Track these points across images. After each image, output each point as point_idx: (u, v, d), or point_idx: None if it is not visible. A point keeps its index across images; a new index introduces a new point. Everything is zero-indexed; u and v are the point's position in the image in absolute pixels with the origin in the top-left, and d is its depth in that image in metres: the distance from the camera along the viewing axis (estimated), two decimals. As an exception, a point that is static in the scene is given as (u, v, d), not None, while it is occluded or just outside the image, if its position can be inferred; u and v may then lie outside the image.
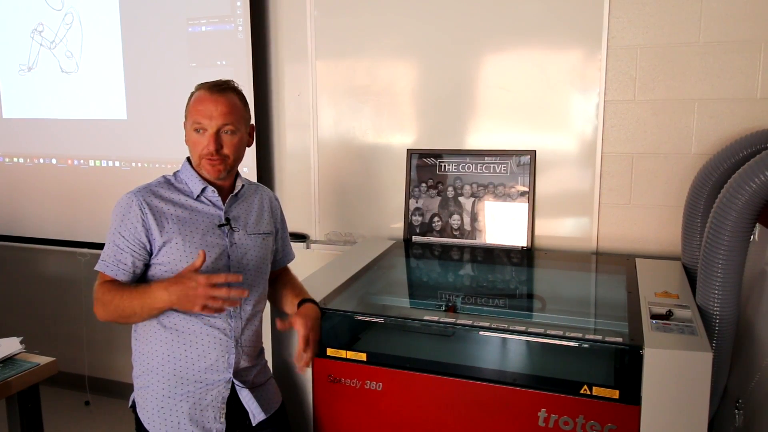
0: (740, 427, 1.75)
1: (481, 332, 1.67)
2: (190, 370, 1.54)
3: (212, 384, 1.56)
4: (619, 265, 2.17)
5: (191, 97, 1.58)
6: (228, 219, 1.60)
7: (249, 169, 2.73)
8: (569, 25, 2.28)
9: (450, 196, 2.50)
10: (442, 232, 2.51)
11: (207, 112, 1.53)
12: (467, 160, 2.47)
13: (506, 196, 2.41)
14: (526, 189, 2.38)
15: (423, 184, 2.54)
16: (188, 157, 1.63)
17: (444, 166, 2.51)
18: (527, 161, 2.38)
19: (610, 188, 2.30)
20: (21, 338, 2.01)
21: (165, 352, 1.54)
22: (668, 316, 1.62)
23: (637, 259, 2.16)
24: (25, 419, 1.90)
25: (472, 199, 2.46)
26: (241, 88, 1.63)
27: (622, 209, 2.30)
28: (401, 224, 2.59)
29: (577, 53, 2.29)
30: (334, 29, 2.63)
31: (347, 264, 2.17)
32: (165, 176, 1.63)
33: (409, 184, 2.56)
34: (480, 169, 2.45)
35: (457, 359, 1.67)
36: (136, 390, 1.60)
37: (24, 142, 3.24)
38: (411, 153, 2.56)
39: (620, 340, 1.50)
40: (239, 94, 1.61)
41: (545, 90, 2.34)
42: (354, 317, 1.82)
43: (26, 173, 3.25)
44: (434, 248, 2.50)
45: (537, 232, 2.40)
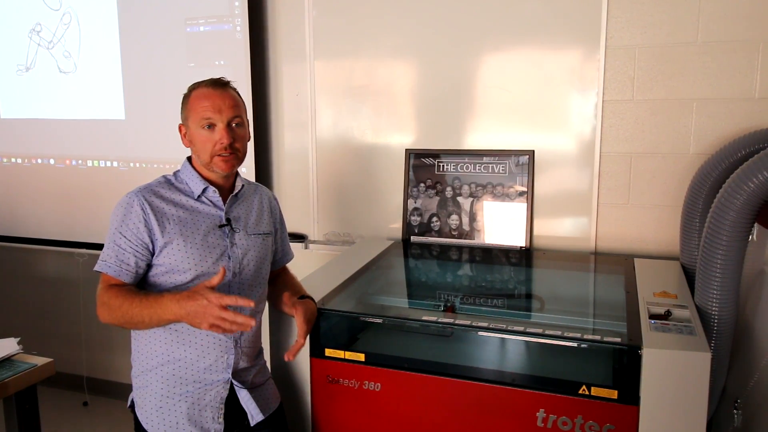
0: (739, 427, 1.75)
1: (480, 332, 1.67)
2: (189, 370, 1.54)
3: (211, 384, 1.56)
4: (617, 265, 2.17)
5: (188, 97, 1.58)
6: (229, 219, 1.60)
7: (247, 169, 2.72)
8: (568, 24, 2.28)
9: (448, 196, 2.50)
10: (440, 232, 2.51)
11: (215, 106, 1.53)
12: (466, 160, 2.47)
13: (505, 196, 2.41)
14: (525, 189, 2.38)
15: (421, 184, 2.54)
16: (188, 157, 1.63)
17: (442, 166, 2.51)
18: (526, 161, 2.38)
19: (609, 188, 2.30)
20: (18, 339, 2.00)
21: (164, 352, 1.53)
22: (667, 316, 1.62)
23: (635, 259, 2.16)
24: (22, 420, 1.89)
25: (470, 199, 2.46)
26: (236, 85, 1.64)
27: (621, 209, 2.30)
28: (400, 224, 2.59)
29: (575, 53, 2.29)
30: (332, 29, 2.62)
31: (346, 264, 2.17)
32: (165, 176, 1.62)
33: (408, 184, 2.56)
34: (478, 169, 2.45)
35: (456, 359, 1.67)
36: (134, 389, 1.60)
37: (22, 142, 3.23)
38: (409, 153, 2.56)
39: (619, 340, 1.50)
40: (236, 90, 1.62)
41: (544, 90, 2.34)
42: (352, 317, 1.82)
43: (24, 173, 3.25)
44: (433, 248, 2.50)
45: (535, 232, 2.40)
